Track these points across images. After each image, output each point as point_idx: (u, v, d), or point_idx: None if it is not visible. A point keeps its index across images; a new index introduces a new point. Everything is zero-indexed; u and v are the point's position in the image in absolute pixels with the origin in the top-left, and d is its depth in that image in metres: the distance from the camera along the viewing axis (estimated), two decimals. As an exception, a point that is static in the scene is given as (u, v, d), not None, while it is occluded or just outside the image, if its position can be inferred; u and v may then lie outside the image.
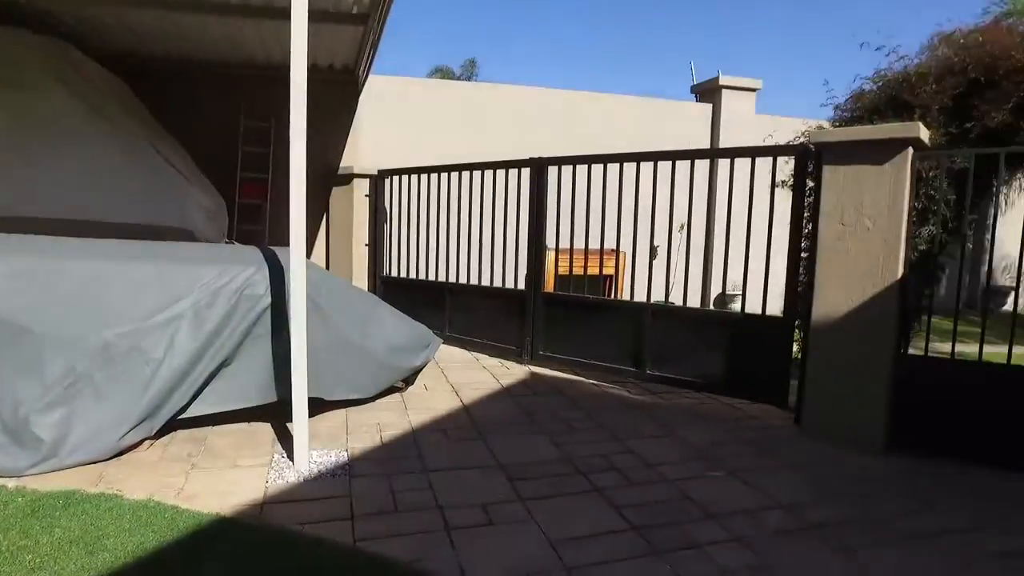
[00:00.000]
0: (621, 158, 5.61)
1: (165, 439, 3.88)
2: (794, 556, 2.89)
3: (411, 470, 3.66)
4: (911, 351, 4.58)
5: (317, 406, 4.20)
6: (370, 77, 8.25)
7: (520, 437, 4.28)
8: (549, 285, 6.86)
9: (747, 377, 5.00)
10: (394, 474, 3.59)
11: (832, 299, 4.29)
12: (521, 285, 6.33)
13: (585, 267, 5.90)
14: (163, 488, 3.23)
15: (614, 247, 6.22)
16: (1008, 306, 14.91)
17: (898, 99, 5.56)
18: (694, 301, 9.51)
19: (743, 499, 3.43)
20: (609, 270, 9.14)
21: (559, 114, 10.83)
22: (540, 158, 6.12)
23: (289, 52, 3.42)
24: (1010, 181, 6.53)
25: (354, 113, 8.49)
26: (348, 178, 7.94)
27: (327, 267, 8.19)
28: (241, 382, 3.98)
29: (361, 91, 8.46)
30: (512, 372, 5.99)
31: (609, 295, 9.64)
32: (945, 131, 5.19)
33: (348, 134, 8.48)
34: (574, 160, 5.92)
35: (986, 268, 14.77)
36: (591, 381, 5.74)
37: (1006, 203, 8.66)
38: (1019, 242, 3.85)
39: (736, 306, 5.02)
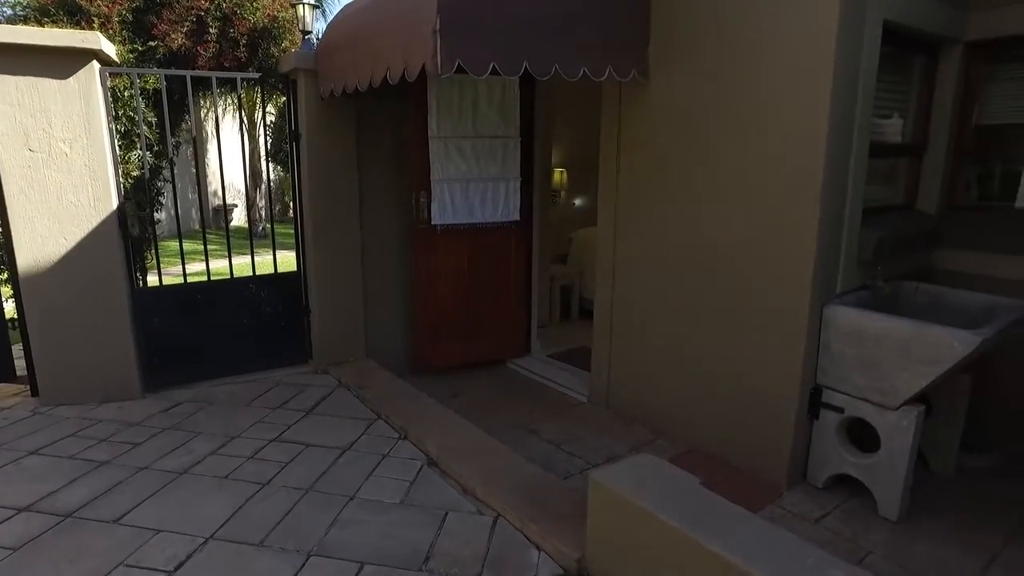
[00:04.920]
0: None
1: None
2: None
3: None
4: (152, 283, 4.38)
5: None
6: None
7: None
8: None
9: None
10: None
11: (40, 241, 3.57)
12: None
13: None
14: None
15: None
16: (235, 221, 16.88)
17: (72, 3, 4.89)
18: None
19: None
20: None
21: None
22: None
23: None
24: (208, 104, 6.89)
25: None
26: None
27: None
28: None
29: None
30: None
31: None
32: (132, 47, 4.91)
33: None
34: None
35: (211, 189, 16.19)
36: None
37: (215, 126, 9.27)
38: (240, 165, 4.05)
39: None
